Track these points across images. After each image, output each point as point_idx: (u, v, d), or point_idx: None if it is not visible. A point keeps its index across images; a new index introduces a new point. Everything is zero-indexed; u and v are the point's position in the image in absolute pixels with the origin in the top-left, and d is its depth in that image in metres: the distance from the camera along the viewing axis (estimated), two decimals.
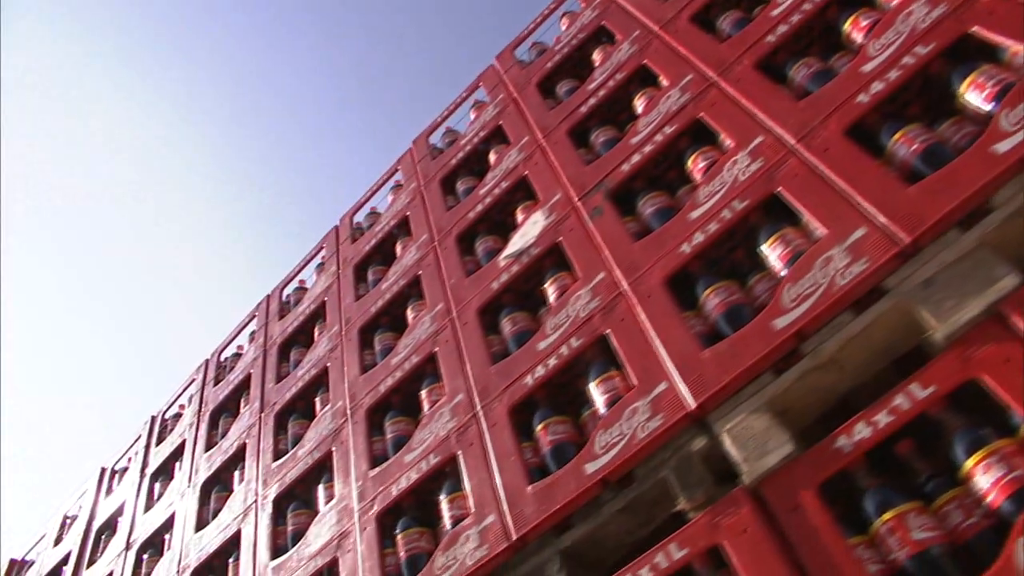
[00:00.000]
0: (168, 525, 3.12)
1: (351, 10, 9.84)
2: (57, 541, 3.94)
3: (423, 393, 2.27)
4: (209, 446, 3.22)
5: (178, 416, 3.78)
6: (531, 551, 1.72)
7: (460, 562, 1.79)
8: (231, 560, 2.68)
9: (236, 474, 2.96)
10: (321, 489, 2.45)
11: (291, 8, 9.75)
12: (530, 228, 2.27)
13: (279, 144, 10.04)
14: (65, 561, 3.64)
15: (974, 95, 1.53)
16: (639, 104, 2.30)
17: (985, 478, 1.21)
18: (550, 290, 2.11)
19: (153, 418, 3.92)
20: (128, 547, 3.25)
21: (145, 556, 3.15)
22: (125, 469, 3.92)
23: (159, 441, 3.70)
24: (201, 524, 2.93)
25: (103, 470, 4.06)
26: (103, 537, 3.58)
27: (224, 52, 9.80)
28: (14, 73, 8.66)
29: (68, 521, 4.06)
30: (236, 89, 10.00)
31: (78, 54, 9.52)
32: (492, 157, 2.72)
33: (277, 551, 2.45)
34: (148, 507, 3.36)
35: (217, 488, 3.01)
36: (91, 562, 3.47)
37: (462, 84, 3.21)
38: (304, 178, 10.21)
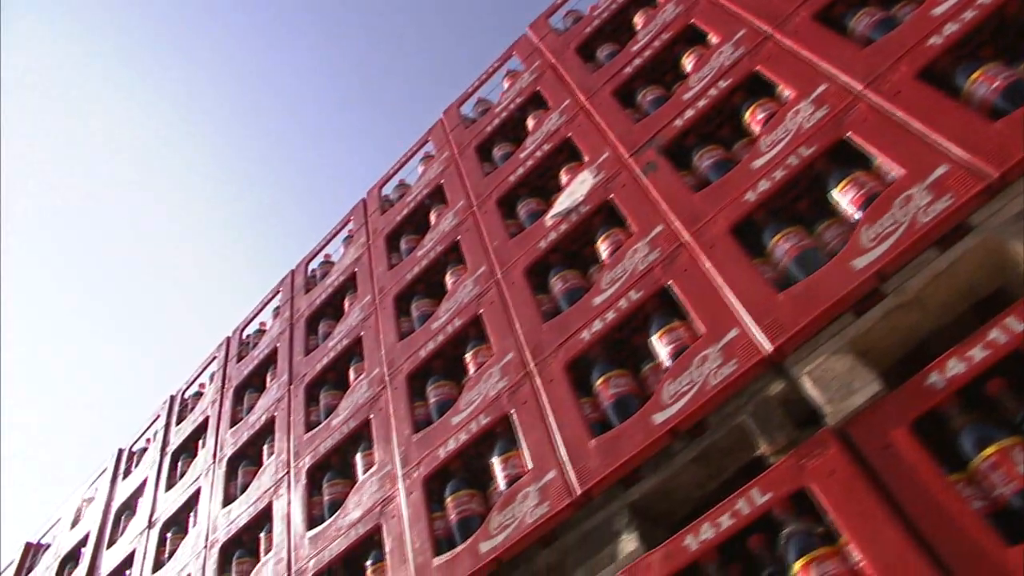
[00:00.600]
0: (193, 502, 3.06)
1: (351, 10, 9.78)
2: (74, 523, 3.86)
3: (468, 356, 2.22)
4: (234, 422, 3.16)
5: (199, 395, 3.72)
6: (596, 506, 1.67)
7: (519, 520, 1.73)
8: (263, 533, 2.62)
9: (265, 448, 2.89)
10: (359, 457, 2.39)
11: (291, 8, 9.69)
12: (577, 187, 2.22)
13: (279, 144, 9.96)
14: (84, 542, 3.56)
15: None
16: (688, 63, 2.26)
17: None
18: (602, 247, 2.06)
19: (172, 398, 3.85)
20: (151, 525, 3.18)
21: (169, 534, 3.09)
22: (144, 450, 3.85)
23: (179, 420, 3.63)
24: (229, 499, 2.87)
25: (120, 451, 3.99)
26: (123, 517, 3.51)
27: (224, 52, 9.73)
28: (14, 73, 8.58)
29: (85, 503, 3.98)
30: (236, 89, 9.92)
31: (78, 54, 9.45)
32: (530, 122, 2.68)
33: (313, 521, 2.40)
34: (170, 485, 3.30)
35: (244, 463, 2.95)
36: (111, 542, 3.40)
37: (463, 84, 3.21)
38: (304, 178, 10.13)
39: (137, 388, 10.17)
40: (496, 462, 1.91)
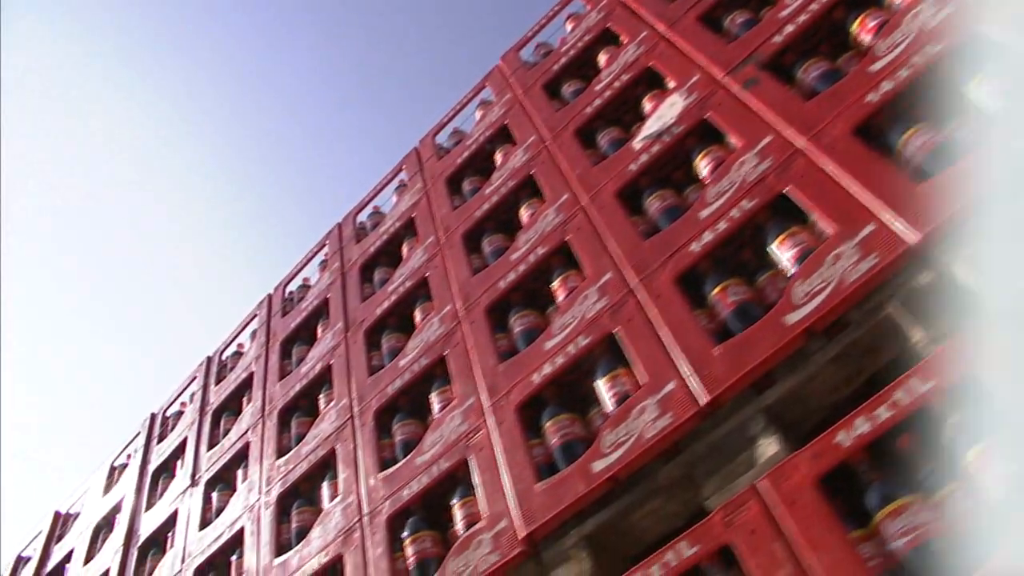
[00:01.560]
0: (241, 457, 2.95)
1: (351, 10, 9.65)
2: (106, 490, 3.73)
3: (555, 283, 2.14)
4: (283, 375, 3.05)
5: (238, 354, 3.60)
6: (723, 415, 1.59)
7: (637, 435, 1.65)
8: (326, 481, 2.52)
9: (321, 397, 2.79)
10: (434, 395, 2.30)
11: (291, 8, 9.54)
12: (667, 110, 2.15)
13: (279, 144, 9.79)
14: (118, 508, 3.43)
15: None
16: None
17: None
18: (701, 164, 1.99)
19: (209, 359, 3.73)
20: (194, 484, 3.06)
21: (215, 492, 2.97)
22: (179, 413, 3.72)
23: (219, 380, 3.51)
24: (283, 451, 2.76)
25: (152, 416, 3.86)
26: (160, 479, 3.39)
27: (224, 52, 9.55)
28: (14, 73, 8.38)
29: (116, 471, 3.85)
30: (236, 89, 9.76)
31: (78, 54, 9.24)
32: (602, 58, 2.61)
33: (384, 464, 2.30)
34: (212, 444, 3.18)
35: (298, 414, 2.85)
36: (149, 505, 3.28)
37: (463, 85, 3.16)
38: (304, 178, 9.97)
39: (137, 382, 9.96)
40: (601, 382, 1.83)
